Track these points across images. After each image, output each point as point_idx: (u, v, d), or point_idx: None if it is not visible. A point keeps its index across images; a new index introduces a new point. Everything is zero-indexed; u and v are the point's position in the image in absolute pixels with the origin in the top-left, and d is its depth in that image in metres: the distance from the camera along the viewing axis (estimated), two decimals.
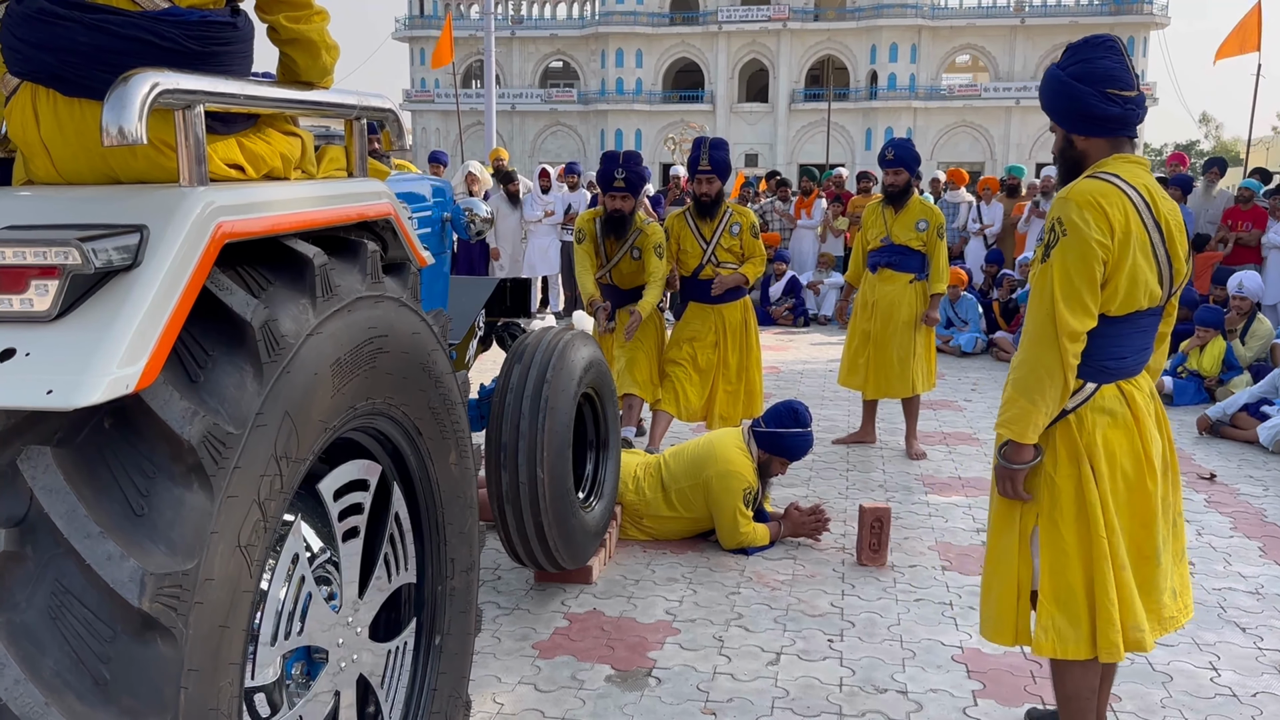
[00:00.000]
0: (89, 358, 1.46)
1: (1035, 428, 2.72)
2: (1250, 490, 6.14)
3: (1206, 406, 7.99)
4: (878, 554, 4.78)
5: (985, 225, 12.78)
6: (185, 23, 1.91)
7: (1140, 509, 2.79)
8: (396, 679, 2.44)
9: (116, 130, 1.59)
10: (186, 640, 1.54)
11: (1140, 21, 52.13)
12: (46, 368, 1.45)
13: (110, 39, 1.86)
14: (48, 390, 1.43)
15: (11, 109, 1.97)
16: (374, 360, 2.06)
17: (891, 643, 3.98)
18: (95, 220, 1.62)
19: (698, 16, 57.08)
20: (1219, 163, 12.00)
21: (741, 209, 6.54)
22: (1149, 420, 2.79)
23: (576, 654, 3.83)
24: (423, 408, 2.33)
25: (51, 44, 1.87)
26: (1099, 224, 2.61)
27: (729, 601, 4.35)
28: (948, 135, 55.13)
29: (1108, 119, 2.72)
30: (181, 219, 1.62)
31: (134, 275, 1.55)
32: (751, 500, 4.93)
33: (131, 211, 1.64)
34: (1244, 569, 4.82)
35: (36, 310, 1.50)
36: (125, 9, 1.87)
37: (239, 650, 1.69)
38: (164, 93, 1.64)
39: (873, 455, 6.72)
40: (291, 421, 1.78)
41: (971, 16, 54.90)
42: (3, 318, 1.50)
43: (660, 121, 55.85)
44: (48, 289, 1.49)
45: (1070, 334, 2.65)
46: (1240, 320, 8.81)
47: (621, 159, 6.18)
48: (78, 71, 1.87)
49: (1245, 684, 3.68)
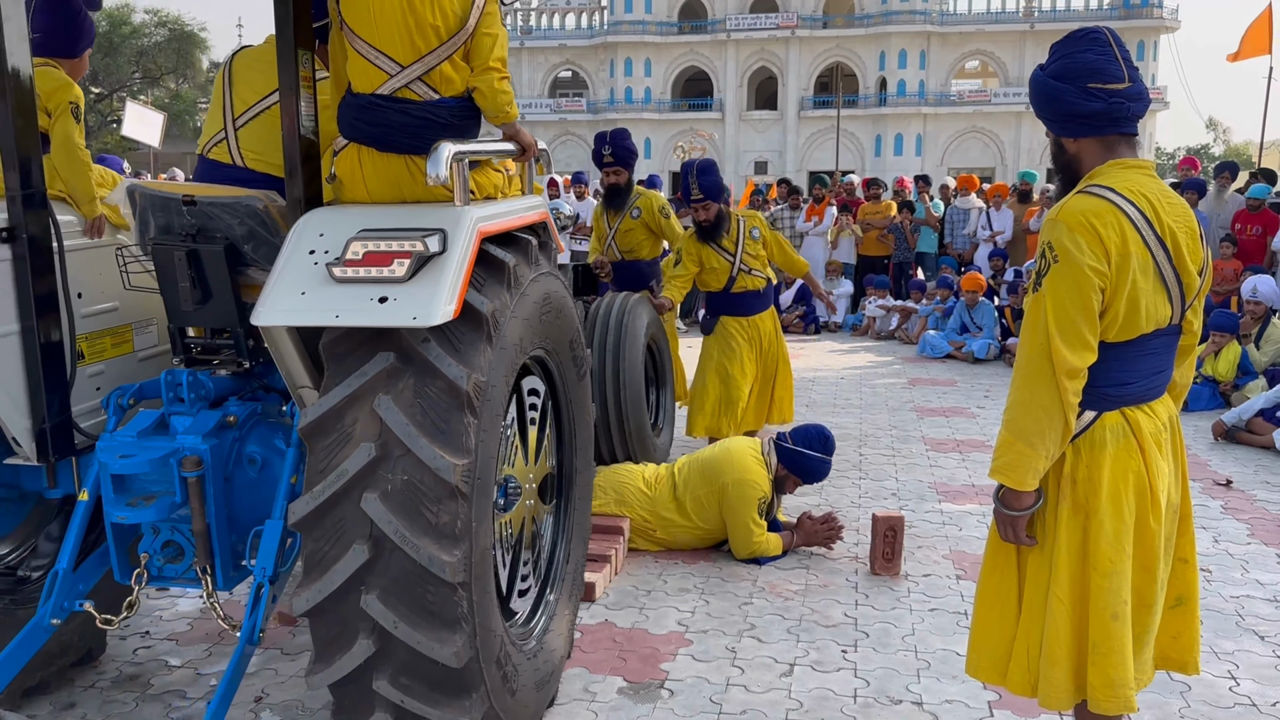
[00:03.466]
0: (430, 300, 2.57)
1: (1035, 473, 2.50)
2: (1267, 496, 6.08)
3: (1221, 412, 7.92)
4: (891, 563, 4.75)
5: (996, 232, 12.74)
6: (449, 106, 3.06)
7: (1142, 550, 2.54)
8: (545, 535, 3.62)
9: (435, 175, 2.75)
10: (476, 497, 2.66)
11: (1150, 25, 51.94)
12: (408, 306, 2.57)
13: (408, 118, 3.01)
14: (413, 316, 2.55)
15: (341, 159, 3.13)
16: (543, 310, 3.17)
17: (906, 653, 3.95)
18: (415, 226, 2.70)
19: (706, 25, 57.12)
20: (1230, 167, 11.94)
21: (750, 213, 6.64)
22: (1155, 450, 2.53)
23: (589, 666, 3.81)
24: (563, 343, 3.43)
25: (373, 121, 3.03)
26: (1093, 248, 2.38)
27: (742, 612, 4.33)
28: (958, 141, 54.98)
29: (1091, 115, 2.50)
30: (462, 225, 2.73)
31: (444, 257, 2.65)
32: (765, 510, 4.91)
33: (434, 221, 2.73)
34: (1262, 576, 4.77)
35: (398, 275, 2.59)
36: (416, 100, 3.02)
37: (492, 491, 2.79)
38: (455, 153, 2.80)
39: (885, 463, 6.69)
40: (509, 358, 2.88)
41: (981, 22, 54.78)
42: (381, 279, 2.60)
43: (670, 130, 55.88)
44: (404, 264, 2.59)
45: (1068, 371, 2.42)
46: (1255, 325, 8.76)
47: (609, 137, 6.67)
48: (388, 138, 3.02)
49: (1265, 693, 3.64)
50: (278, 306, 2.66)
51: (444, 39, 2.97)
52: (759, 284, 6.47)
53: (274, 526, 3.03)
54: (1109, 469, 2.51)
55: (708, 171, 6.33)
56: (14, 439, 3.09)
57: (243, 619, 2.97)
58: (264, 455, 3.21)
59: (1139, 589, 2.57)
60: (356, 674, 2.64)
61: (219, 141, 3.38)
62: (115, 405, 3.24)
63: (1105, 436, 2.52)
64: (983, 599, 2.78)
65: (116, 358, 3.52)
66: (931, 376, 10.06)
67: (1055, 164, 2.69)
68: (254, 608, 2.95)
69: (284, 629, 4.10)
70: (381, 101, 3.00)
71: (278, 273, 2.71)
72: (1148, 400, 2.57)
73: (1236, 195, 11.46)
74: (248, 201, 3.11)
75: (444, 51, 2.99)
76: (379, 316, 2.58)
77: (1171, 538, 2.64)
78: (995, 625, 2.74)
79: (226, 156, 3.36)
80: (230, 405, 3.24)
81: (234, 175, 3.32)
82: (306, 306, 2.63)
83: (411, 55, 2.97)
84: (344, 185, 3.14)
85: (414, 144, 3.00)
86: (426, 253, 2.60)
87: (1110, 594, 2.50)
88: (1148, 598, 2.58)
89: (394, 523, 2.53)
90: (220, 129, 3.38)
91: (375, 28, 2.96)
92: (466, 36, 3.01)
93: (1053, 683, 2.58)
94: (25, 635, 3.00)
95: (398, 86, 3.00)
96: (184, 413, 3.15)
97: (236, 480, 3.18)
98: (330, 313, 2.61)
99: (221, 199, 3.13)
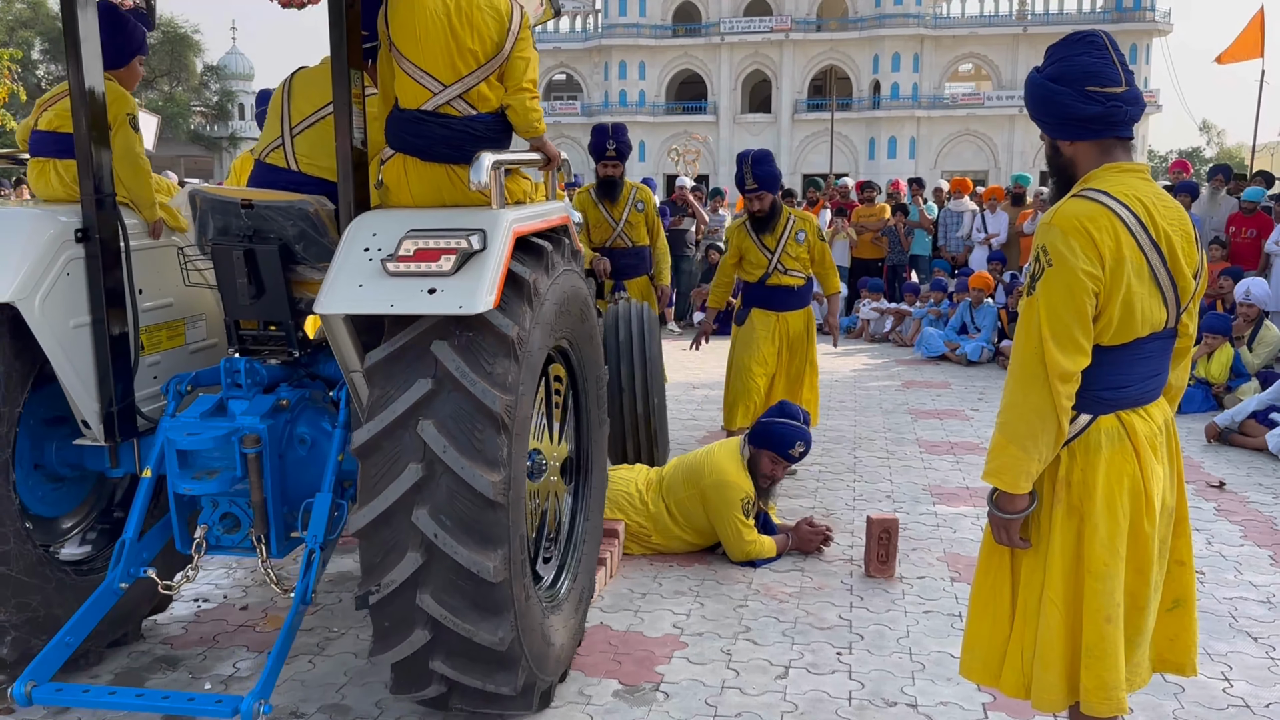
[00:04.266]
0: (474, 291, 2.90)
1: (1028, 476, 2.51)
2: (1260, 498, 6.10)
3: (1214, 414, 7.95)
4: (886, 565, 4.75)
5: (990, 235, 12.76)
6: (485, 121, 3.39)
7: (1136, 553, 2.54)
8: (565, 513, 3.92)
9: (477, 181, 3.08)
10: (514, 432, 3.00)
11: (1143, 29, 52.12)
12: (454, 296, 2.89)
13: (449, 132, 3.35)
14: (459, 305, 2.88)
15: (388, 167, 3.49)
16: (568, 299, 3.49)
17: (901, 655, 3.95)
18: (459, 226, 3.00)
19: (700, 28, 57.18)
20: (1224, 170, 11.97)
21: (805, 215, 6.50)
22: (1150, 454, 2.53)
23: (583, 669, 3.81)
24: (584, 334, 3.76)
25: (417, 134, 3.37)
26: (1086, 252, 2.37)
27: (736, 614, 4.33)
28: (951, 144, 55.10)
29: (1089, 119, 2.49)
30: (499, 226, 3.04)
31: (484, 254, 2.96)
32: (751, 509, 4.90)
33: (474, 222, 3.03)
34: (1255, 578, 4.79)
35: (445, 270, 2.91)
36: (456, 115, 3.35)
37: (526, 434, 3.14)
38: (495, 162, 3.12)
39: (880, 465, 6.70)
40: (543, 331, 3.23)
41: (974, 25, 54.92)
42: (430, 273, 2.92)
43: (664, 133, 55.94)
44: (450, 260, 2.91)
45: (1061, 375, 2.42)
46: (1248, 327, 8.79)
47: (611, 130, 6.90)
48: (431, 149, 3.37)
49: (1258, 694, 3.65)
50: (338, 297, 2.98)
51: (481, 62, 3.32)
52: (795, 282, 6.41)
53: (323, 499, 3.37)
54: (1103, 472, 2.51)
55: (763, 162, 6.26)
56: (84, 421, 3.49)
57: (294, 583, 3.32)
58: (313, 436, 3.58)
59: (1132, 591, 2.56)
60: (402, 589, 2.97)
61: (276, 147, 3.67)
62: (174, 391, 3.61)
63: (1100, 440, 2.52)
64: (977, 601, 2.78)
65: (171, 350, 3.90)
66: (925, 379, 10.08)
67: (1050, 167, 2.67)
68: (306, 571, 3.27)
69: None
70: (425, 116, 3.35)
71: (336, 268, 3.03)
72: (1143, 404, 2.57)
73: (1229, 198, 11.49)
74: (300, 205, 3.40)
75: (481, 74, 3.34)
76: (428, 305, 2.90)
77: (1166, 541, 2.64)
78: (989, 627, 2.74)
79: (282, 161, 3.65)
80: (282, 390, 3.60)
81: (288, 178, 3.63)
82: (364, 297, 2.96)
83: (452, 76, 3.32)
84: (390, 191, 3.49)
85: (453, 154, 3.35)
86: (470, 250, 2.93)
87: (1104, 597, 2.50)
88: (1140, 600, 2.58)
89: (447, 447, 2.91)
90: (278, 137, 3.67)
91: (420, 50, 3.29)
92: (502, 60, 3.35)
93: (1046, 685, 2.58)
94: (96, 598, 3.33)
95: (440, 103, 3.34)
96: (241, 397, 3.52)
97: (288, 458, 3.54)
98: (385, 302, 2.93)
99: (276, 203, 3.43)
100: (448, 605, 2.98)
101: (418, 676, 3.13)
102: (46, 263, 3.32)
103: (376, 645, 3.09)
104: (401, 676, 3.16)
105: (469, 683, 3.11)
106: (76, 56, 3.38)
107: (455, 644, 3.04)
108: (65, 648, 3.21)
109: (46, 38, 39.86)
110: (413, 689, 3.18)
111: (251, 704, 2.91)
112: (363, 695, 3.62)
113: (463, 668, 3.08)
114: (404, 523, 2.94)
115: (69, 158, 3.66)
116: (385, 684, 3.29)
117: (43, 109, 3.89)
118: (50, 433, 3.66)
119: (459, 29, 3.27)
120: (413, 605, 2.99)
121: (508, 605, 3.02)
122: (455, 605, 2.98)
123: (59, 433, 3.65)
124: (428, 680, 3.14)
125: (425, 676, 3.13)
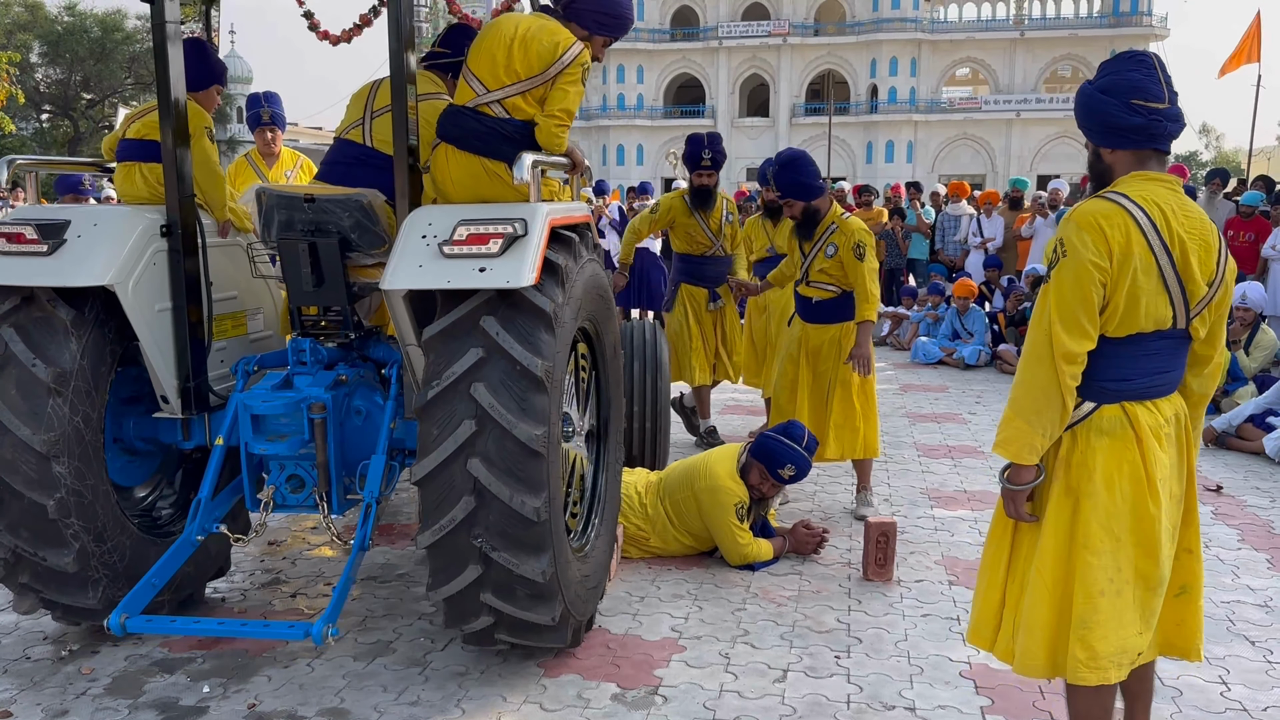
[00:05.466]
0: (518, 269, 3.31)
1: (1033, 449, 2.70)
2: (1257, 502, 6.11)
3: (1212, 418, 7.96)
4: (884, 569, 4.76)
5: (986, 239, 12.78)
6: (514, 124, 3.82)
7: (1142, 534, 2.68)
8: (588, 476, 4.30)
9: (519, 177, 3.55)
10: (552, 393, 3.38)
11: (1139, 33, 52.17)
12: (501, 273, 3.32)
13: (482, 127, 3.80)
14: (506, 280, 3.30)
15: (435, 156, 3.92)
16: (592, 286, 3.86)
17: (899, 658, 3.96)
18: (504, 216, 3.41)
19: (698, 32, 57.27)
20: (1221, 173, 12.01)
21: (851, 226, 5.65)
22: (1154, 442, 2.69)
23: (582, 673, 3.81)
24: (604, 315, 4.13)
25: (456, 125, 3.84)
26: (1097, 245, 2.58)
27: (735, 618, 4.33)
28: (948, 148, 55.19)
29: (1131, 129, 2.67)
30: (538, 217, 3.45)
31: (526, 238, 3.37)
32: (745, 514, 4.90)
33: (517, 213, 3.44)
34: (1252, 581, 4.79)
35: (492, 252, 3.33)
36: (490, 115, 3.81)
37: (560, 395, 3.51)
38: (535, 162, 3.59)
39: (878, 469, 6.68)
40: (573, 308, 3.59)
41: (971, 30, 55.03)
42: (480, 255, 3.34)
43: (662, 136, 56.00)
44: (498, 243, 3.33)
45: (1066, 355, 2.62)
46: (1244, 331, 8.80)
47: (706, 140, 6.89)
48: (468, 141, 3.82)
49: (1256, 698, 3.65)
50: (402, 275, 3.42)
51: (520, 79, 3.80)
52: (823, 295, 5.75)
53: (378, 461, 3.84)
54: (1104, 456, 2.68)
55: (790, 167, 5.70)
56: (163, 396, 3.99)
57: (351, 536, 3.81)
58: (367, 408, 4.02)
59: (1142, 572, 2.70)
60: (457, 529, 3.35)
61: (356, 126, 4.23)
62: (242, 371, 4.10)
63: (1102, 426, 2.70)
64: (982, 570, 2.98)
65: (235, 337, 4.37)
66: (923, 382, 10.08)
67: (1090, 171, 2.87)
68: (364, 521, 3.76)
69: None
70: (466, 111, 3.84)
71: (399, 252, 3.46)
72: (1150, 398, 2.72)
73: (1227, 202, 11.52)
74: (356, 198, 3.87)
75: (518, 88, 3.81)
76: (480, 280, 3.33)
77: (1176, 526, 2.77)
78: (988, 595, 2.93)
79: (360, 138, 4.20)
80: (340, 368, 4.07)
81: (362, 152, 4.18)
82: (424, 275, 3.41)
83: (495, 85, 3.81)
84: (435, 174, 3.93)
85: (484, 147, 3.80)
86: (515, 234, 3.35)
87: (1097, 571, 2.67)
88: (1152, 580, 2.71)
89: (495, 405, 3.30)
90: (359, 118, 4.23)
91: (479, 61, 3.84)
92: (542, 81, 3.80)
93: (1028, 652, 2.76)
94: (177, 548, 3.82)
95: (480, 103, 3.83)
96: (306, 373, 4.01)
97: (346, 426, 4.00)
98: (443, 279, 3.38)
99: (335, 196, 3.89)
100: (496, 542, 3.36)
101: (468, 609, 3.51)
102: (138, 253, 3.79)
103: (433, 581, 3.47)
104: (453, 610, 3.53)
105: (514, 613, 3.47)
106: (165, 78, 3.93)
107: (502, 578, 3.41)
108: (151, 588, 3.69)
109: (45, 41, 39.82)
110: (463, 622, 3.56)
111: (321, 628, 3.36)
112: (361, 698, 3.62)
113: (508, 599, 3.45)
114: (460, 471, 3.33)
115: (154, 161, 4.15)
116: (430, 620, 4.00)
117: (130, 122, 4.38)
118: (128, 410, 4.11)
119: (515, 50, 3.78)
120: (467, 543, 3.37)
121: (548, 543, 3.40)
122: (503, 543, 3.36)
123: (135, 410, 4.12)
124: (477, 613, 3.51)
125: (475, 609, 3.50)
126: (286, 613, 4.37)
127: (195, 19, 5.19)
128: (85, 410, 3.71)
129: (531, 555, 3.39)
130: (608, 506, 4.35)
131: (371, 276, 4.02)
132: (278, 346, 4.51)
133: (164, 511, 4.32)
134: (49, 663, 3.91)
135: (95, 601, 3.77)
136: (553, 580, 3.43)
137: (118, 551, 3.84)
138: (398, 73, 3.69)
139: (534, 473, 3.34)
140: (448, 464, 3.33)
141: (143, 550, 3.94)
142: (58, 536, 3.66)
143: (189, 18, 4.70)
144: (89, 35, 39.98)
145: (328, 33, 6.97)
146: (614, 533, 4.39)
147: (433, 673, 3.81)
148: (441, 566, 3.44)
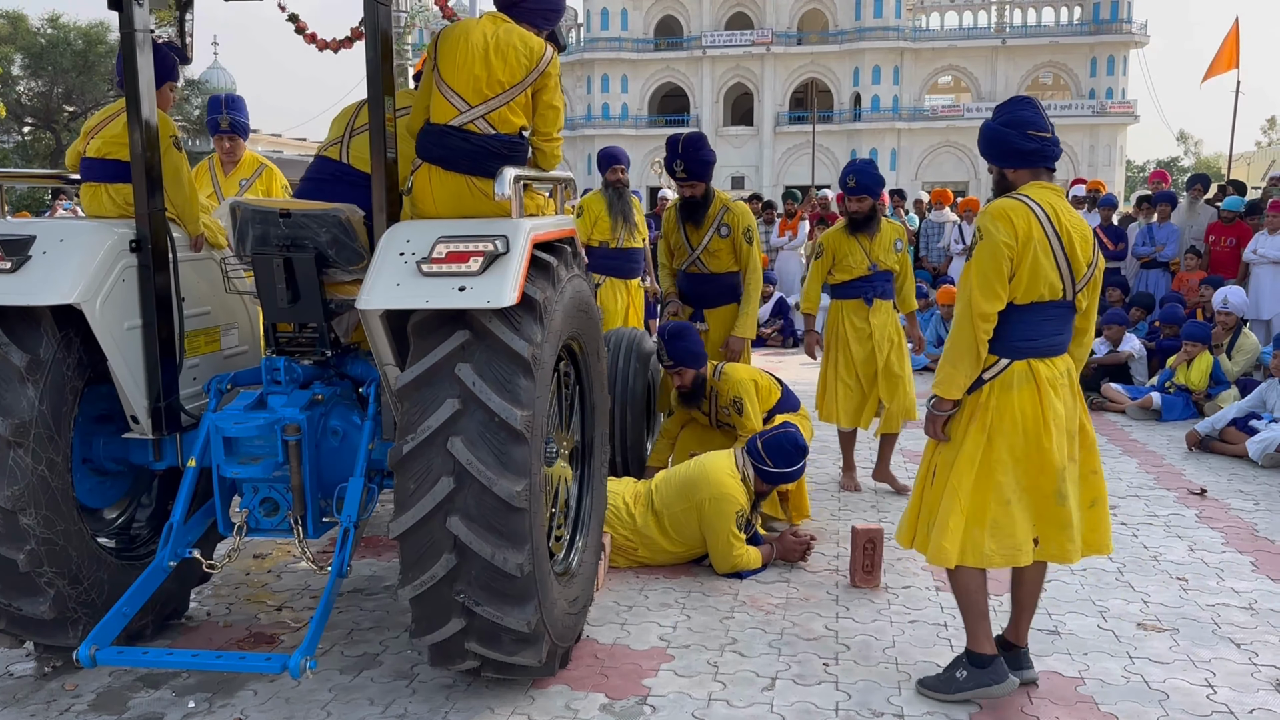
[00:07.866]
0: (499, 289, 3.20)
1: (958, 387, 3.52)
2: (1241, 505, 6.15)
3: (1195, 421, 8.01)
4: (871, 575, 4.76)
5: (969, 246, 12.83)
6: (502, 140, 3.75)
7: (1038, 459, 3.47)
8: (572, 496, 4.22)
9: (500, 193, 3.42)
10: (534, 441, 3.28)
11: (1119, 40, 52.59)
12: (481, 292, 3.21)
13: (470, 146, 3.72)
14: (487, 300, 3.19)
15: (416, 177, 3.83)
16: (575, 303, 3.79)
17: (887, 665, 3.96)
18: (484, 233, 3.31)
19: (682, 42, 57.40)
20: (1202, 179, 12.08)
21: (898, 226, 6.47)
22: (1050, 390, 3.47)
23: (570, 683, 3.80)
24: (587, 327, 4.03)
25: (442, 145, 3.74)
26: (1006, 230, 3.40)
27: (723, 626, 4.33)
28: (931, 156, 55.41)
29: (1029, 153, 3.52)
30: (520, 233, 3.35)
31: (507, 257, 3.26)
32: (743, 523, 4.91)
33: (498, 229, 3.34)
34: (1237, 584, 4.82)
35: (473, 270, 3.23)
36: (477, 133, 3.71)
37: (542, 440, 3.43)
38: (515, 177, 3.48)
39: (865, 476, 6.69)
40: (553, 343, 3.51)
41: (953, 38, 55.30)
42: (460, 273, 3.24)
43: (647, 146, 55.98)
44: (478, 261, 3.23)
45: (981, 314, 3.43)
46: (1226, 335, 8.86)
47: (680, 148, 6.05)
48: (454, 161, 3.73)
49: (1241, 700, 3.67)
50: (379, 294, 3.30)
51: (506, 89, 3.72)
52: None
53: (356, 483, 3.71)
54: (1014, 401, 3.47)
55: (863, 172, 6.13)
56: (133, 416, 3.83)
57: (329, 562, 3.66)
58: (344, 428, 3.90)
59: (1041, 488, 3.50)
60: (439, 584, 3.28)
61: (335, 144, 4.16)
62: (215, 390, 4.00)
63: (1013, 379, 3.49)
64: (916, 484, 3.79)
65: (208, 354, 4.23)
66: None
67: (995, 187, 3.66)
68: (342, 546, 3.62)
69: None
70: (451, 131, 3.73)
71: (375, 270, 3.34)
72: (1049, 355, 3.52)
73: (1208, 207, 11.59)
74: (333, 213, 3.74)
75: (503, 99, 3.73)
76: (460, 300, 3.23)
77: (1073, 454, 3.55)
78: (910, 506, 3.77)
79: (338, 155, 4.12)
80: (316, 387, 3.95)
81: (339, 169, 4.11)
82: (402, 294, 3.28)
83: (478, 99, 3.72)
84: (416, 196, 3.85)
85: (472, 167, 3.72)
86: (495, 252, 3.25)
87: (1006, 487, 3.48)
88: (1047, 491, 3.49)
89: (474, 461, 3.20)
90: (340, 136, 4.16)
91: (457, 75, 3.72)
92: (524, 88, 3.76)
93: (939, 548, 3.53)
94: (148, 574, 3.67)
95: (464, 121, 3.72)
96: (280, 392, 3.87)
97: (323, 447, 3.86)
98: (421, 298, 3.26)
99: (311, 211, 3.77)
100: (480, 597, 3.30)
101: (453, 654, 3.48)
102: (106, 269, 3.63)
103: (416, 629, 3.41)
104: (438, 654, 3.49)
105: (500, 659, 3.45)
106: (134, 89, 3.76)
107: (487, 628, 3.36)
108: (122, 617, 3.55)
109: (27, 53, 39.65)
110: (448, 664, 3.53)
111: (299, 660, 3.24)
112: (348, 711, 3.60)
113: (494, 645, 3.41)
114: (439, 528, 3.25)
115: (118, 182, 4.05)
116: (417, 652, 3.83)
117: (89, 136, 4.19)
118: (97, 430, 3.96)
119: (493, 60, 3.70)
120: (449, 598, 3.31)
121: (533, 593, 3.35)
122: (487, 596, 3.30)
123: (105, 430, 3.96)
124: (463, 657, 3.48)
125: (460, 654, 3.47)
126: (271, 626, 4.35)
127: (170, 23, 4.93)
128: (49, 457, 3.55)
129: (516, 606, 3.33)
130: (593, 521, 4.28)
131: (349, 293, 3.86)
132: (254, 363, 4.36)
133: (140, 532, 4.22)
134: (32, 679, 3.87)
135: (76, 640, 3.64)
136: (538, 626, 3.39)
137: (96, 589, 3.73)
138: (374, 84, 3.57)
139: (516, 527, 3.25)
140: (426, 521, 3.24)
141: (122, 579, 3.81)
142: (31, 586, 3.55)
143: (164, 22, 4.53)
144: (72, 48, 39.84)
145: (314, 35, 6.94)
146: (600, 545, 4.34)
147: (420, 685, 3.79)
148: (424, 616, 3.37)
